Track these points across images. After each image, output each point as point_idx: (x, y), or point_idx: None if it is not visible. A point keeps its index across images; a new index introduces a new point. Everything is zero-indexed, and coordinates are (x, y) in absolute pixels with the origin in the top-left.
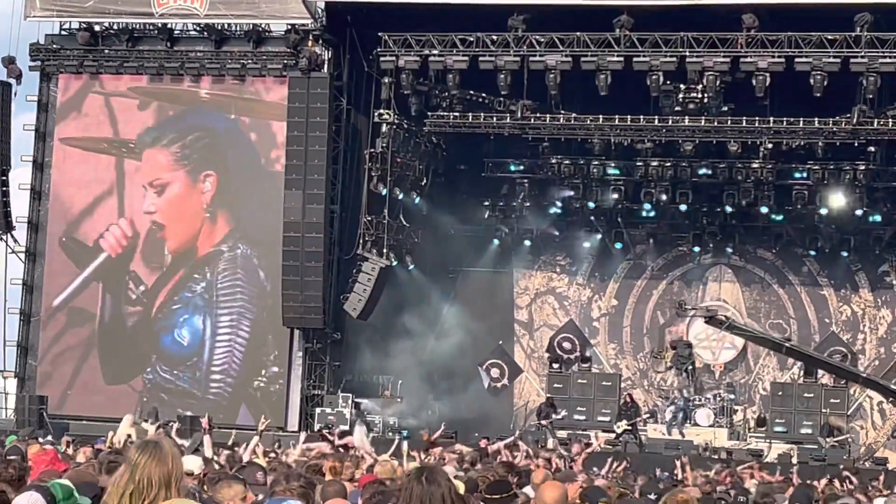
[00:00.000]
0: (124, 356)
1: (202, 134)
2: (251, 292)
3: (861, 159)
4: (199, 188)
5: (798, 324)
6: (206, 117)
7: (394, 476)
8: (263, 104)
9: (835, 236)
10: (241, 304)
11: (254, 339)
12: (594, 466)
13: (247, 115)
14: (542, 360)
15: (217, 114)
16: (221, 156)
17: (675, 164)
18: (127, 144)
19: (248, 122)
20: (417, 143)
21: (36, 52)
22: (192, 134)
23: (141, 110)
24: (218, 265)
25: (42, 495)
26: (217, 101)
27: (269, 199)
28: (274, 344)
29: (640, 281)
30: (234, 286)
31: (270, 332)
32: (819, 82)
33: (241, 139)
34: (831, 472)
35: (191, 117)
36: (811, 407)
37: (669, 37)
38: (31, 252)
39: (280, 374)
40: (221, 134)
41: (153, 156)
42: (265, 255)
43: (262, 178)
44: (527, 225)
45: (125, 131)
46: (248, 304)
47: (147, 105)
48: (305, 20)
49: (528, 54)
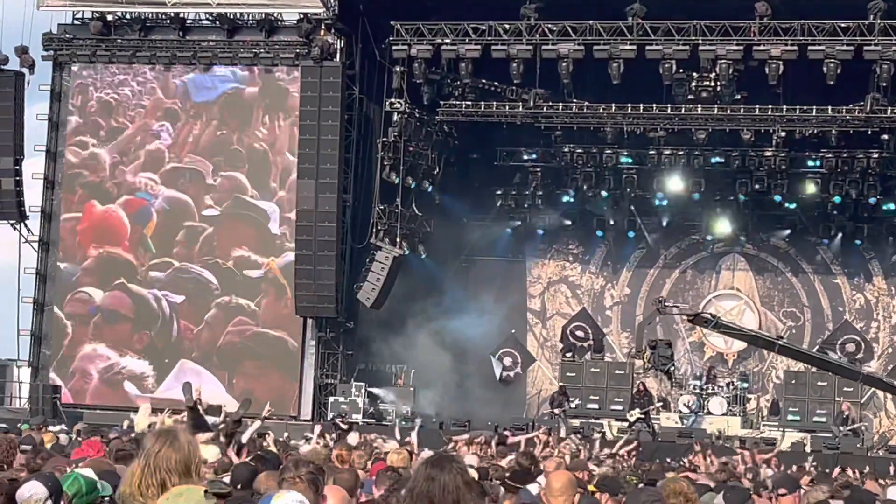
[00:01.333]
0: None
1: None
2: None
3: (874, 147)
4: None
5: (811, 312)
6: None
7: (408, 464)
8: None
9: (848, 225)
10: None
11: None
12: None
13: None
14: (555, 348)
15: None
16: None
17: (687, 152)
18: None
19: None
20: (430, 131)
21: (49, 42)
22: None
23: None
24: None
25: (43, 484)
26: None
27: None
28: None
29: (653, 269)
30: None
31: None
32: (832, 70)
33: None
34: (845, 460)
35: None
36: (824, 395)
37: (682, 25)
38: (44, 241)
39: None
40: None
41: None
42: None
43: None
44: (539, 213)
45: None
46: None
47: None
48: (318, 9)
49: (540, 43)
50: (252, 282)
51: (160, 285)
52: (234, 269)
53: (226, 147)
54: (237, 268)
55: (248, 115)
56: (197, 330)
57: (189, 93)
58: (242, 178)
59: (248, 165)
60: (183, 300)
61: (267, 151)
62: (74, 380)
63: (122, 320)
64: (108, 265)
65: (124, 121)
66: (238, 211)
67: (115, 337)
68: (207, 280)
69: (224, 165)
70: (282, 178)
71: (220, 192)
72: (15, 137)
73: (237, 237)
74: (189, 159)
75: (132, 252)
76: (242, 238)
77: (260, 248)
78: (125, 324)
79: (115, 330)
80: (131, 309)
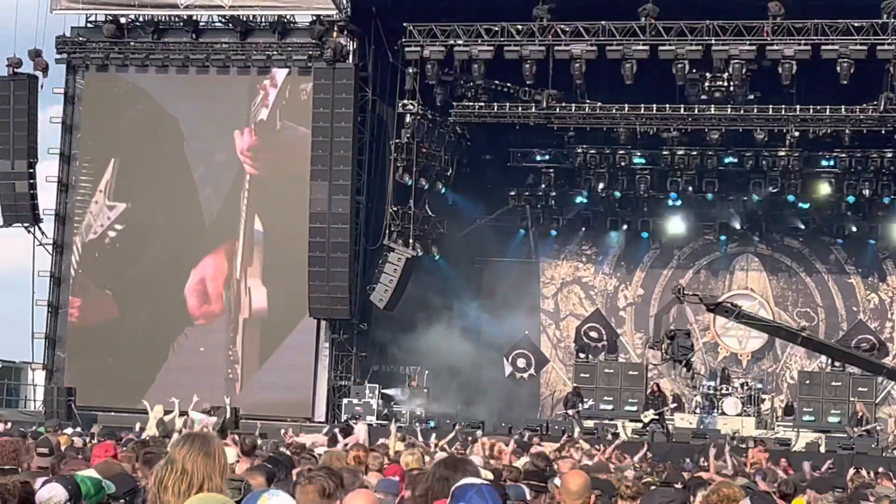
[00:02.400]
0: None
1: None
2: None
3: (888, 147)
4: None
5: (826, 312)
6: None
7: (422, 466)
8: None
9: (862, 224)
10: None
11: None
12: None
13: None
14: (569, 349)
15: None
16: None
17: (701, 152)
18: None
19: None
20: (442, 133)
21: (62, 45)
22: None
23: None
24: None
25: (63, 486)
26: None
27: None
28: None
29: (667, 270)
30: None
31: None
32: (846, 69)
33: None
34: (859, 460)
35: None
36: (839, 395)
37: (695, 25)
38: (58, 244)
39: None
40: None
41: None
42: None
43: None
44: (553, 214)
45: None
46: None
47: None
48: (330, 11)
49: (553, 43)
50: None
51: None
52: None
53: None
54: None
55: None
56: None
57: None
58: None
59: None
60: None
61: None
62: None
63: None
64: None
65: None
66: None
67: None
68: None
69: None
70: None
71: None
72: (29, 140)
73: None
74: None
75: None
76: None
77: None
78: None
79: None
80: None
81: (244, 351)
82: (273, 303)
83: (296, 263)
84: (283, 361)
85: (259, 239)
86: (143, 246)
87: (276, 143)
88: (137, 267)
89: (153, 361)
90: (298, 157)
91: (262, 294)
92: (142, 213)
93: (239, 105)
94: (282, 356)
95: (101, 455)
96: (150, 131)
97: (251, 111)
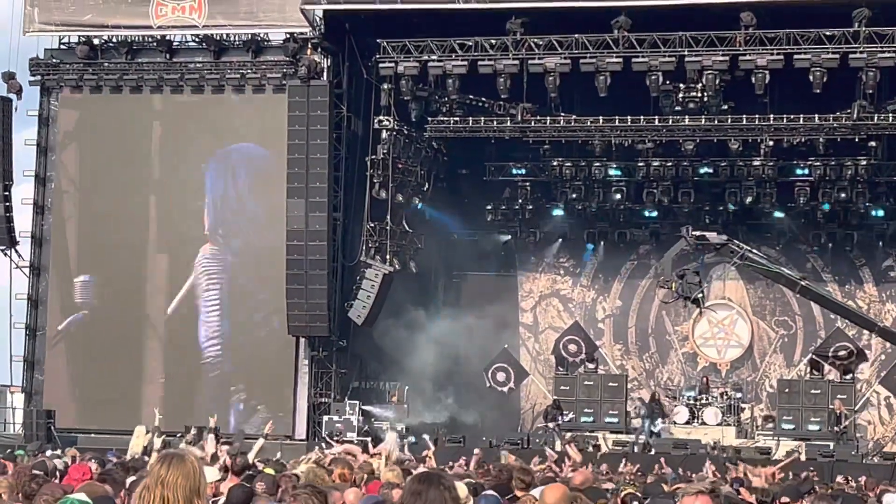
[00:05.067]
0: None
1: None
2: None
3: (862, 154)
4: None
5: (803, 320)
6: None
7: (402, 480)
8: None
9: (838, 232)
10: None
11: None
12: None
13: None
14: (548, 362)
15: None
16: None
17: (676, 163)
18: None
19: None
20: (418, 148)
21: (36, 67)
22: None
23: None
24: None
25: None
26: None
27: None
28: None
29: (645, 281)
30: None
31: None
32: (818, 78)
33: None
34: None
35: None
36: (818, 403)
37: (668, 37)
38: (35, 267)
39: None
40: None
41: None
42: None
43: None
44: (530, 228)
45: None
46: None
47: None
48: (304, 28)
49: (526, 57)
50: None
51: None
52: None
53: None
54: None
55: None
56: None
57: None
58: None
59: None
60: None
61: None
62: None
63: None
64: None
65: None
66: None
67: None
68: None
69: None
70: None
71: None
72: (4, 163)
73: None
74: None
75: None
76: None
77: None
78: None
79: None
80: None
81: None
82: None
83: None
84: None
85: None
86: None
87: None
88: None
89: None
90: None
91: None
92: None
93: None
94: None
95: (77, 477)
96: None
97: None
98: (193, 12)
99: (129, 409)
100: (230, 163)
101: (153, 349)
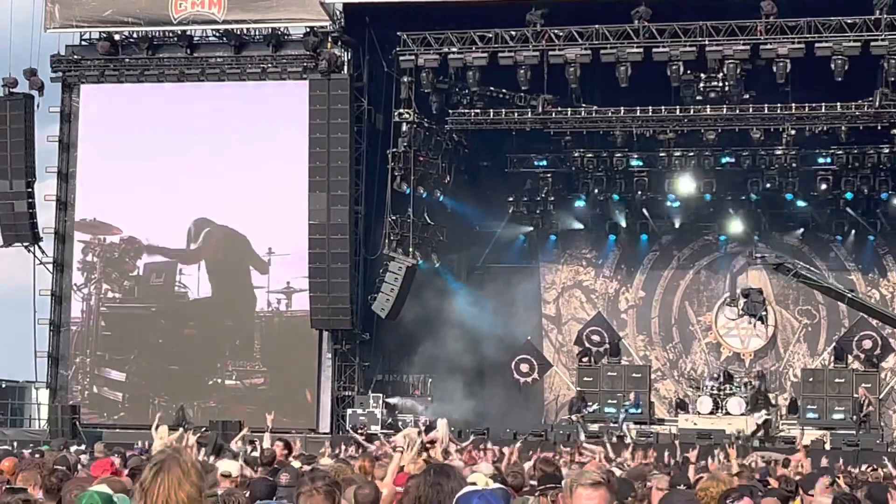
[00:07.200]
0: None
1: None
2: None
3: (884, 142)
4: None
5: (827, 309)
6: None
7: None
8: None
9: (861, 221)
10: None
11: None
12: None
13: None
14: (572, 353)
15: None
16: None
17: (698, 153)
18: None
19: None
20: (439, 140)
21: (57, 64)
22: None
23: None
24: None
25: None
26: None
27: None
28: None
29: (667, 271)
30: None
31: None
32: (840, 66)
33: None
34: (865, 456)
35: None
36: (842, 392)
37: (688, 26)
38: (58, 263)
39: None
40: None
41: None
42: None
43: None
44: (552, 219)
45: None
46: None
47: None
48: (324, 22)
49: (547, 48)
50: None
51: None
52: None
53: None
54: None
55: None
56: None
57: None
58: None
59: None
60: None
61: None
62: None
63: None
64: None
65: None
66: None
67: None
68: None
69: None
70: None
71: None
72: (26, 160)
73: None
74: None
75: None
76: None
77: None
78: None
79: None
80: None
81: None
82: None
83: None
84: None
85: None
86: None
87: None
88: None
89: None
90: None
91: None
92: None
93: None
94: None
95: (99, 472)
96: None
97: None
98: (213, 6)
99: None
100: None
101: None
